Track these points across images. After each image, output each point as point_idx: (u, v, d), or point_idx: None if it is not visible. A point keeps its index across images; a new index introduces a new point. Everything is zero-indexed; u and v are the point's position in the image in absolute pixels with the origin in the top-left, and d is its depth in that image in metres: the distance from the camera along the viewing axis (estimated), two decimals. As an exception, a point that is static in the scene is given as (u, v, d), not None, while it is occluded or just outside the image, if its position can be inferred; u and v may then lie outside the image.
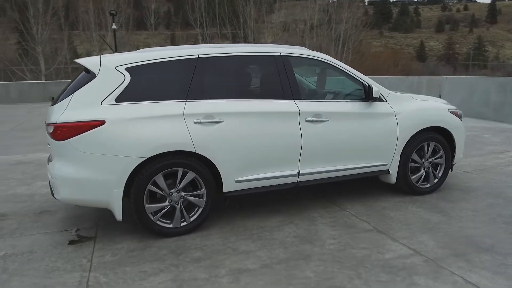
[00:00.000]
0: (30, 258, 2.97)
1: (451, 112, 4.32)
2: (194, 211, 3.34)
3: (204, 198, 3.33)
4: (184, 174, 3.23)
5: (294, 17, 37.28)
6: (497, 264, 2.75)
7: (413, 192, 4.19)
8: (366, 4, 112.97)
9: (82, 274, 2.72)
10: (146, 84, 3.20)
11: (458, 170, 5.23)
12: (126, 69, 3.14)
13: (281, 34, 36.48)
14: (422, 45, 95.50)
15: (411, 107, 4.07)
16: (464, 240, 3.14)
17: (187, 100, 3.24)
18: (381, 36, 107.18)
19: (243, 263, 2.82)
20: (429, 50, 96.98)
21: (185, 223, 3.30)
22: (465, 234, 3.24)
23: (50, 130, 3.02)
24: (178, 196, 3.25)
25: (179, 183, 3.23)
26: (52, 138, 3.04)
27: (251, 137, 3.38)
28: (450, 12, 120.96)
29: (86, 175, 3.01)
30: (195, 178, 3.27)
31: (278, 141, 3.48)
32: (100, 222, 3.62)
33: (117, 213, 3.10)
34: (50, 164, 3.23)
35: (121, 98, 3.09)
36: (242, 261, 2.86)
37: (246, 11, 32.98)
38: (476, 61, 72.95)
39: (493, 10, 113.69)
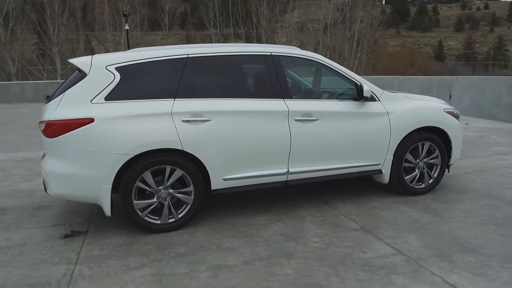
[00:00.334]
0: (21, 251, 3.08)
1: (447, 112, 4.26)
2: (182, 208, 3.40)
3: (192, 195, 3.38)
4: (172, 171, 3.29)
5: (308, 16, 37.11)
6: (480, 265, 2.71)
7: (407, 192, 4.16)
8: (383, 3, 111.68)
9: (68, 266, 2.81)
10: (135, 83, 3.28)
11: (458, 171, 5.16)
12: (116, 68, 3.22)
13: (294, 34, 36.39)
14: (441, 44, 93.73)
15: (405, 107, 4.04)
16: (450, 240, 3.10)
17: (176, 99, 3.30)
18: (398, 35, 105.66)
19: (225, 259, 2.86)
20: (447, 49, 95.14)
21: (173, 220, 3.37)
22: (452, 235, 3.20)
23: (42, 127, 3.13)
24: (166, 193, 3.31)
25: (167, 180, 3.29)
26: (44, 135, 3.15)
27: (239, 135, 3.42)
28: (470, 10, 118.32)
29: (76, 171, 3.10)
30: (183, 175, 3.33)
31: (266, 139, 3.51)
32: (93, 217, 3.72)
33: (105, 208, 3.19)
34: (43, 160, 3.34)
35: (110, 97, 3.17)
36: (224, 257, 2.90)
37: (259, 11, 33.00)
38: (496, 60, 71.16)
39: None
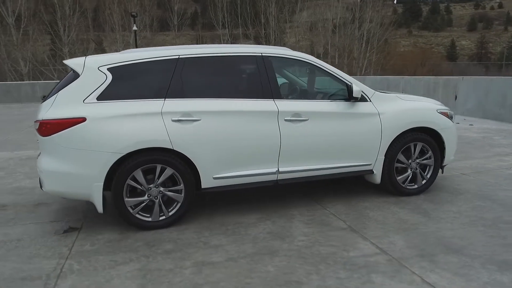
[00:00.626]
0: (17, 245, 3.19)
1: (440, 112, 4.26)
2: (173, 206, 3.48)
3: (182, 194, 3.46)
4: (162, 170, 3.37)
5: (317, 17, 37.00)
6: (461, 265, 2.73)
7: (399, 192, 4.17)
8: (395, 2, 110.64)
9: (59, 261, 2.90)
10: (127, 83, 3.37)
11: (455, 172, 5.15)
12: (108, 69, 3.31)
13: (303, 34, 36.34)
14: (453, 44, 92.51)
15: (397, 108, 4.05)
16: (435, 241, 3.12)
17: (166, 99, 3.38)
18: (410, 35, 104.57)
19: (210, 256, 2.93)
20: (460, 49, 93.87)
21: (164, 217, 3.45)
22: (439, 236, 3.21)
23: (37, 126, 3.23)
24: (157, 191, 3.39)
25: (158, 179, 3.37)
26: (38, 134, 3.25)
27: (229, 135, 3.48)
28: (484, 10, 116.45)
29: (69, 169, 3.21)
30: (174, 174, 3.40)
31: (256, 139, 3.57)
32: (88, 214, 3.82)
33: (97, 205, 3.28)
34: (38, 158, 3.45)
35: (102, 97, 3.26)
36: (210, 254, 2.97)
37: (268, 11, 33.03)
38: (510, 60, 69.88)
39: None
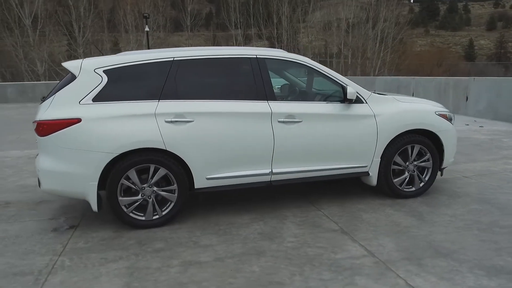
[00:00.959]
0: (14, 242, 3.29)
1: (439, 114, 4.21)
2: (167, 206, 3.54)
3: (175, 194, 3.51)
4: (156, 170, 3.43)
5: (330, 17, 36.80)
6: (448, 270, 2.70)
7: (396, 195, 4.14)
8: (411, 1, 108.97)
9: (52, 258, 2.99)
10: (122, 85, 3.44)
11: (457, 174, 5.07)
12: (104, 71, 3.39)
13: (316, 34, 36.17)
14: (471, 43, 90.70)
15: (393, 109, 4.02)
16: (426, 244, 3.09)
17: (160, 100, 3.44)
18: (426, 34, 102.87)
19: (198, 256, 2.97)
20: (478, 49, 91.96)
21: (157, 217, 3.51)
22: (430, 239, 3.18)
23: (35, 126, 3.33)
24: (151, 190, 3.46)
25: (151, 179, 3.43)
26: (36, 134, 3.35)
27: (222, 136, 3.52)
28: (504, 8, 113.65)
29: (64, 169, 3.29)
30: (167, 174, 3.46)
31: (249, 140, 3.60)
32: (87, 212, 3.90)
33: (92, 204, 3.36)
34: (36, 158, 3.55)
35: (98, 98, 3.34)
36: (198, 253, 3.01)
37: (280, 11, 33.01)
38: (530, 60, 68.06)
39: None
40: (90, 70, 3.37)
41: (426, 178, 4.23)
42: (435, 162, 4.21)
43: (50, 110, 3.31)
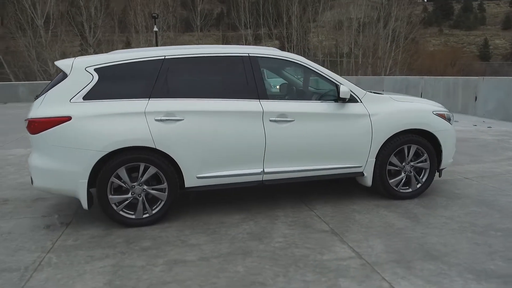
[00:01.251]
0: (6, 238, 3.33)
1: (437, 114, 4.11)
2: (157, 204, 3.53)
3: (166, 192, 3.50)
4: (146, 168, 3.43)
5: (341, 16, 36.54)
6: (437, 273, 2.63)
7: (392, 196, 4.07)
8: (425, 0, 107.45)
9: (40, 254, 3.01)
10: (113, 83, 3.44)
11: (458, 175, 4.97)
12: (95, 69, 3.40)
13: (326, 34, 35.95)
14: (486, 43, 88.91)
15: (389, 109, 3.95)
16: (417, 247, 3.02)
17: (151, 98, 3.43)
18: (440, 33, 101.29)
19: (184, 255, 2.95)
20: (494, 48, 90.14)
21: (147, 215, 3.51)
22: (422, 241, 3.11)
23: (26, 124, 3.36)
24: (141, 189, 3.46)
25: (141, 177, 3.44)
26: (28, 132, 3.38)
27: (212, 135, 3.50)
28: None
29: (55, 166, 3.31)
30: (157, 172, 3.46)
31: (240, 139, 3.57)
32: (80, 210, 3.92)
33: (82, 202, 3.38)
34: (29, 155, 3.58)
35: (88, 96, 3.35)
36: (184, 252, 2.99)
37: (290, 11, 32.90)
38: (548, 60, 66.46)
39: None
40: (81, 69, 3.39)
41: (424, 179, 4.14)
42: (433, 163, 4.12)
43: (41, 108, 3.33)
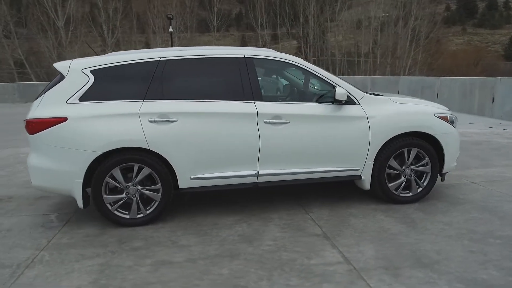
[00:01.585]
0: (5, 235, 3.42)
1: (439, 116, 4.00)
2: (151, 205, 3.56)
3: (160, 193, 3.53)
4: (140, 169, 3.46)
5: (359, 16, 36.07)
6: (425, 281, 2.56)
7: (391, 200, 3.98)
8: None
9: (34, 252, 3.08)
10: (108, 85, 3.49)
11: (465, 180, 4.82)
12: (91, 71, 3.46)
13: (343, 33, 35.56)
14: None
15: (388, 111, 3.87)
16: (409, 253, 2.95)
17: (145, 100, 3.47)
18: (464, 33, 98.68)
19: (172, 256, 2.97)
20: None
21: (141, 215, 3.54)
22: (415, 248, 3.03)
23: (24, 125, 3.45)
24: (135, 189, 3.49)
25: (135, 177, 3.47)
26: (27, 132, 3.47)
27: (205, 136, 3.51)
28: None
29: (52, 166, 3.39)
30: (152, 173, 3.49)
31: (234, 141, 3.56)
32: (79, 209, 3.97)
33: (78, 201, 3.44)
34: (28, 155, 3.67)
35: (84, 98, 3.41)
36: (173, 253, 3.01)
37: (307, 11, 32.68)
38: None
39: None
40: (77, 70, 3.45)
41: (425, 183, 4.04)
42: (435, 167, 4.01)
43: (38, 109, 3.41)
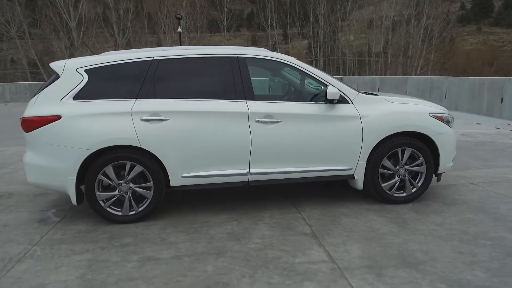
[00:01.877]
0: (1, 231, 3.51)
1: (434, 116, 3.96)
2: (143, 202, 3.61)
3: (152, 191, 3.58)
4: (132, 167, 3.51)
5: (371, 15, 35.77)
6: (408, 281, 2.55)
7: (385, 200, 3.96)
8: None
9: (27, 247, 3.15)
10: (102, 84, 3.55)
11: (464, 180, 4.76)
12: (85, 70, 3.52)
13: (354, 32, 35.30)
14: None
15: (381, 110, 3.84)
16: (395, 253, 2.93)
17: (138, 99, 3.52)
18: (479, 32, 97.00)
19: (160, 253, 3.01)
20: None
21: (133, 212, 3.59)
22: (403, 248, 3.01)
23: (20, 123, 3.53)
24: (127, 187, 3.55)
25: (127, 175, 3.53)
26: (23, 130, 3.55)
27: (197, 135, 3.54)
28: None
29: (46, 163, 3.46)
30: (144, 171, 3.54)
31: (225, 140, 3.58)
32: (75, 206, 4.07)
33: (71, 198, 3.51)
34: (25, 152, 3.76)
35: (78, 96, 3.48)
36: (160, 250, 3.05)
37: (317, 11, 32.55)
38: None
39: None
40: (72, 70, 3.52)
41: (419, 184, 4.00)
42: (429, 167, 3.97)
43: (34, 108, 3.49)
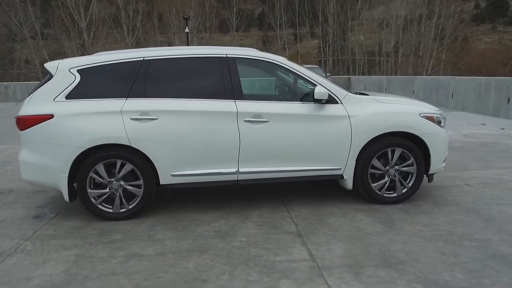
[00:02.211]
0: (-4, 226, 3.63)
1: (425, 116, 3.95)
2: (134, 200, 3.69)
3: (142, 188, 3.65)
4: (122, 165, 3.59)
5: (382, 15, 35.47)
6: (385, 280, 2.56)
7: (374, 200, 3.96)
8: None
9: (19, 242, 3.25)
10: (93, 83, 3.63)
11: (459, 181, 4.73)
12: (78, 70, 3.61)
13: (365, 32, 35.05)
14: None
15: (370, 110, 3.85)
16: (377, 253, 2.94)
17: (128, 98, 3.59)
18: (494, 31, 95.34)
19: (145, 249, 3.07)
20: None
21: (124, 210, 3.67)
22: (385, 248, 3.02)
23: (15, 121, 3.64)
24: (118, 184, 3.63)
25: (118, 173, 3.60)
26: (18, 129, 3.66)
27: (186, 134, 3.60)
28: None
29: (39, 161, 3.56)
30: (134, 169, 3.61)
31: (214, 139, 3.64)
32: (72, 202, 4.17)
33: (64, 194, 3.60)
34: (20, 150, 3.87)
35: (70, 96, 3.57)
36: (146, 247, 3.11)
37: (326, 10, 32.42)
38: None
39: None
40: (65, 70, 3.61)
41: (410, 184, 3.99)
42: (420, 168, 3.96)
43: (28, 107, 3.59)
